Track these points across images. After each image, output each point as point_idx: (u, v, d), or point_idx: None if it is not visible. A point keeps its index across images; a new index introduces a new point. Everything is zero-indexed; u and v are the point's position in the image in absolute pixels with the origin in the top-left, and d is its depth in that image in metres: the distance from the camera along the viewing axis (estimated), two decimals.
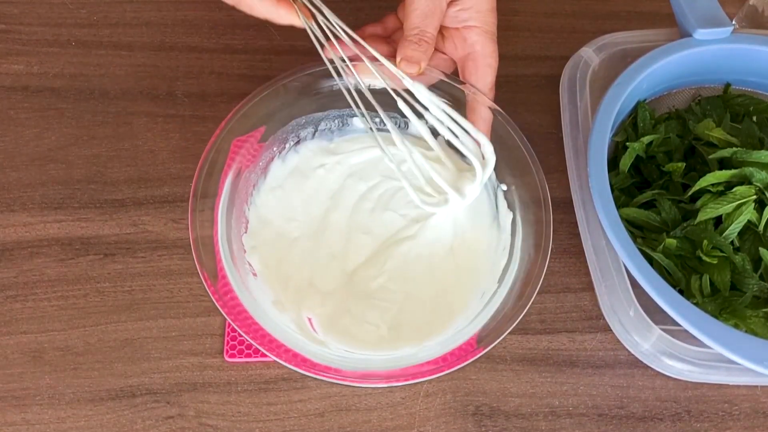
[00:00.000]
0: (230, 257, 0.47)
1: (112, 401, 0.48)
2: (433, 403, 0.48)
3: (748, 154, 0.50)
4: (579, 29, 0.64)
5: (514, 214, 0.51)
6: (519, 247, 0.49)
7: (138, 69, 0.60)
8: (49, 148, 0.56)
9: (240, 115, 0.50)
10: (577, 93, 0.54)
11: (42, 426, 0.47)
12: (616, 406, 0.49)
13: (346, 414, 0.48)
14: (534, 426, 0.48)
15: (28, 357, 0.49)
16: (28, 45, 0.61)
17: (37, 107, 0.58)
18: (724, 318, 0.47)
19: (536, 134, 0.57)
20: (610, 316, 0.48)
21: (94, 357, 0.49)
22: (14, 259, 0.52)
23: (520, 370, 0.50)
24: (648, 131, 0.54)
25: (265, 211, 0.52)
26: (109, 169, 0.56)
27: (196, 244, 0.47)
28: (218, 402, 0.48)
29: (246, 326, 0.44)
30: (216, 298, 0.45)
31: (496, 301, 0.46)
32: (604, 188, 0.47)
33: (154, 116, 0.58)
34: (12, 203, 0.54)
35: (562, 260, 0.54)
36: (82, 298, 0.51)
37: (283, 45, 0.62)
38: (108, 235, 0.53)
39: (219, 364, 0.49)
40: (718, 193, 0.49)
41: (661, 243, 0.48)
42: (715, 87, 0.58)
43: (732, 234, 0.49)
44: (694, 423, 0.49)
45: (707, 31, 0.53)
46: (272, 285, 0.49)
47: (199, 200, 0.48)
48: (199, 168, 0.49)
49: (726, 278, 0.47)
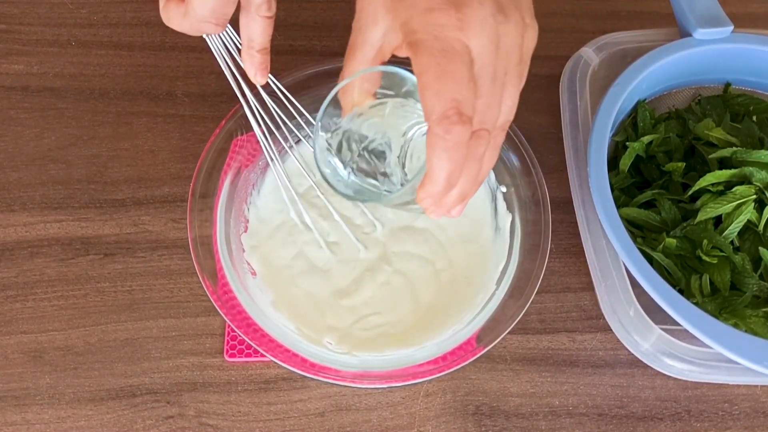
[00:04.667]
0: (229, 257, 0.48)
1: (112, 401, 0.48)
2: (433, 403, 0.48)
3: (748, 153, 0.50)
4: (579, 29, 0.64)
5: (513, 216, 0.51)
6: (518, 248, 0.49)
7: (138, 69, 0.60)
8: (49, 148, 0.56)
9: (240, 115, 0.50)
10: (577, 93, 0.54)
11: (42, 426, 0.47)
12: (616, 406, 0.49)
13: (346, 414, 0.48)
14: (534, 426, 0.48)
15: (28, 357, 0.49)
16: (28, 45, 0.61)
17: (37, 107, 0.58)
18: (724, 318, 0.47)
19: (536, 134, 0.57)
20: (610, 316, 0.48)
21: (94, 357, 0.49)
22: (14, 259, 0.52)
23: (520, 369, 0.50)
24: (648, 131, 0.54)
25: (265, 212, 0.52)
26: (109, 169, 0.56)
27: (194, 244, 0.47)
28: (218, 402, 0.48)
29: (245, 327, 0.45)
30: (215, 298, 0.45)
31: (496, 301, 0.47)
32: (604, 188, 0.47)
33: (154, 116, 0.58)
34: (12, 203, 0.54)
35: (562, 260, 0.54)
36: (82, 298, 0.51)
37: (283, 45, 0.62)
38: (108, 235, 0.53)
39: (219, 363, 0.49)
40: (718, 192, 0.49)
41: (660, 243, 0.48)
42: (715, 87, 0.58)
43: (732, 234, 0.49)
44: (694, 423, 0.49)
45: (707, 30, 0.53)
46: (271, 285, 0.49)
47: (198, 200, 0.48)
48: (198, 168, 0.49)
49: (726, 278, 0.47)
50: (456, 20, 0.30)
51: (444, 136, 0.30)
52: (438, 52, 0.30)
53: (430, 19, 0.30)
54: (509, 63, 0.32)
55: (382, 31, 0.33)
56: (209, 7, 0.37)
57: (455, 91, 0.30)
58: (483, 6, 0.31)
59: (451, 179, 0.31)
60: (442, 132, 0.30)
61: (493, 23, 0.31)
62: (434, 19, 0.30)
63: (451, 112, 0.30)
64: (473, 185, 0.34)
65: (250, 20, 0.40)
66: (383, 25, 0.33)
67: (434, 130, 0.30)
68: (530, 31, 0.33)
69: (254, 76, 0.42)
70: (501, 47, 0.31)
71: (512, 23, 0.31)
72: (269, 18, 0.40)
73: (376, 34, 0.34)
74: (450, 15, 0.30)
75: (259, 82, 0.43)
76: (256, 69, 0.42)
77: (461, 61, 0.30)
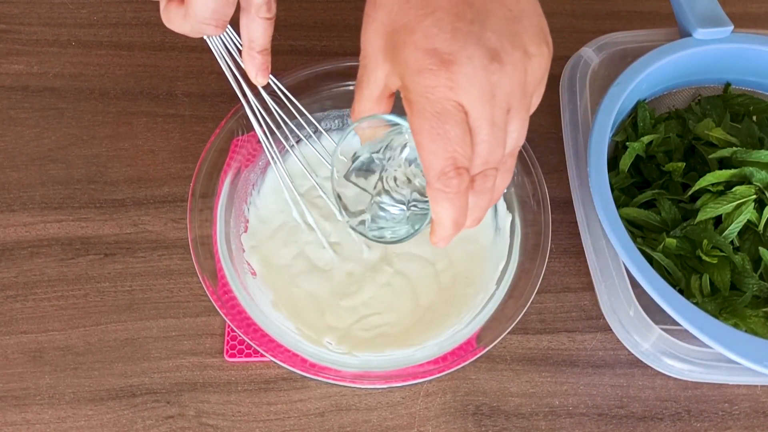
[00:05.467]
0: (229, 257, 0.48)
1: (112, 401, 0.48)
2: (433, 403, 0.48)
3: (748, 153, 0.50)
4: (579, 29, 0.64)
5: (513, 216, 0.51)
6: (518, 248, 0.49)
7: (138, 69, 0.60)
8: (49, 148, 0.56)
9: (240, 115, 0.50)
10: (577, 93, 0.54)
11: (42, 426, 0.47)
12: (616, 406, 0.49)
13: (346, 414, 0.48)
14: (534, 426, 0.48)
15: (28, 357, 0.49)
16: (28, 45, 0.61)
17: (37, 107, 0.58)
18: (724, 318, 0.47)
19: (536, 134, 0.57)
20: (610, 316, 0.48)
21: (94, 357, 0.49)
22: (14, 259, 0.52)
23: (520, 369, 0.50)
24: (648, 131, 0.54)
25: (265, 212, 0.52)
26: (109, 169, 0.56)
27: (194, 244, 0.47)
28: (218, 402, 0.48)
29: (245, 327, 0.45)
30: (215, 299, 0.45)
31: (496, 302, 0.47)
32: (604, 188, 0.47)
33: (154, 116, 0.58)
34: (12, 203, 0.54)
35: (562, 260, 0.54)
36: (82, 298, 0.51)
37: (283, 45, 0.62)
38: (108, 235, 0.53)
39: (219, 363, 0.49)
40: (717, 192, 0.49)
41: (661, 243, 0.48)
42: (715, 87, 0.58)
43: (732, 234, 0.49)
44: (694, 422, 0.49)
45: (707, 30, 0.53)
46: (271, 285, 0.49)
47: (198, 200, 0.48)
48: (198, 168, 0.49)
49: (726, 278, 0.47)
50: (446, 80, 0.30)
51: (443, 189, 0.31)
52: (429, 114, 0.30)
53: (420, 80, 0.30)
54: (512, 101, 0.32)
55: (384, 73, 0.34)
56: (209, 9, 0.37)
57: (449, 150, 0.31)
58: (472, 61, 0.30)
59: (458, 222, 0.33)
60: (442, 186, 0.31)
61: (485, 76, 0.30)
62: (424, 80, 0.30)
63: (448, 168, 0.31)
64: (486, 210, 0.35)
65: (250, 21, 0.40)
66: (384, 69, 0.34)
67: (434, 185, 0.31)
68: (535, 60, 0.32)
69: (255, 77, 0.42)
70: (497, 94, 0.31)
71: (509, 67, 0.31)
72: (269, 19, 0.40)
73: (379, 75, 0.34)
74: (439, 76, 0.30)
75: (260, 82, 0.43)
76: (257, 70, 0.42)
77: (454, 121, 0.30)
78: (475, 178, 0.32)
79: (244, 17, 0.40)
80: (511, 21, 0.32)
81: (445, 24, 0.30)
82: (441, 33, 0.30)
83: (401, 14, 0.32)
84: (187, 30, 0.39)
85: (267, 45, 0.41)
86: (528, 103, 0.33)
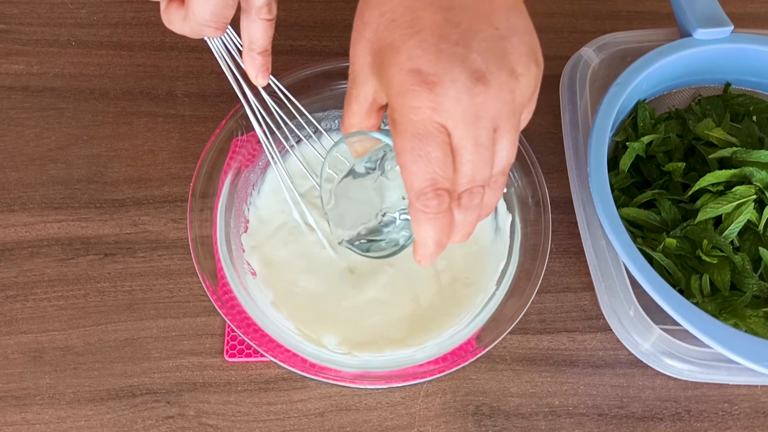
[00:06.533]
0: (229, 257, 0.48)
1: (112, 401, 0.48)
2: (433, 403, 0.48)
3: (748, 153, 0.50)
4: (579, 29, 0.64)
5: (513, 216, 0.51)
6: (518, 248, 0.49)
7: (138, 69, 0.60)
8: (49, 148, 0.56)
9: (240, 115, 0.50)
10: (577, 93, 0.54)
11: (42, 426, 0.47)
12: (616, 406, 0.49)
13: (346, 414, 0.48)
14: (534, 426, 0.48)
15: (28, 357, 0.49)
16: (28, 45, 0.61)
17: (37, 107, 0.58)
18: (724, 318, 0.47)
19: (536, 134, 0.57)
20: (610, 316, 0.48)
21: (94, 357, 0.49)
22: (14, 259, 0.52)
23: (520, 369, 0.50)
24: (648, 131, 0.54)
25: (265, 212, 0.52)
26: (109, 169, 0.56)
27: (194, 243, 0.47)
28: (218, 402, 0.48)
29: (245, 327, 0.45)
30: (215, 299, 0.45)
31: (496, 302, 0.46)
32: (604, 188, 0.47)
33: (154, 116, 0.58)
34: (12, 203, 0.54)
35: (562, 260, 0.54)
36: (82, 298, 0.51)
37: (283, 45, 0.62)
38: (108, 235, 0.53)
39: (219, 363, 0.49)
40: (718, 192, 0.49)
41: (661, 243, 0.48)
42: (715, 87, 0.58)
43: (732, 234, 0.49)
44: (694, 423, 0.49)
45: (707, 30, 0.53)
46: (271, 285, 0.49)
47: (198, 200, 0.48)
48: (198, 168, 0.49)
49: (726, 278, 0.47)
50: (428, 101, 0.30)
51: (423, 210, 0.31)
52: (411, 135, 0.30)
53: (404, 101, 0.30)
54: (499, 122, 0.31)
55: (372, 88, 0.34)
56: (209, 11, 0.37)
57: (429, 171, 0.31)
58: (456, 83, 0.30)
59: (439, 242, 0.33)
60: (421, 206, 0.31)
61: (469, 98, 0.30)
62: (408, 101, 0.30)
63: (428, 189, 0.31)
64: (475, 225, 0.34)
65: (250, 23, 0.40)
66: (373, 84, 0.34)
67: (414, 205, 0.32)
68: (523, 80, 0.31)
69: (255, 77, 0.42)
70: (482, 116, 0.30)
71: (494, 89, 0.30)
72: (270, 20, 0.40)
73: (368, 90, 0.34)
74: (422, 97, 0.30)
75: (261, 83, 0.43)
76: (257, 71, 0.42)
77: (435, 143, 0.30)
78: (461, 195, 0.32)
79: (245, 18, 0.40)
80: (498, 40, 0.31)
81: (429, 45, 0.30)
82: (425, 54, 0.30)
83: (387, 33, 0.31)
84: (187, 31, 0.39)
85: (267, 46, 0.41)
86: (516, 123, 0.33)
